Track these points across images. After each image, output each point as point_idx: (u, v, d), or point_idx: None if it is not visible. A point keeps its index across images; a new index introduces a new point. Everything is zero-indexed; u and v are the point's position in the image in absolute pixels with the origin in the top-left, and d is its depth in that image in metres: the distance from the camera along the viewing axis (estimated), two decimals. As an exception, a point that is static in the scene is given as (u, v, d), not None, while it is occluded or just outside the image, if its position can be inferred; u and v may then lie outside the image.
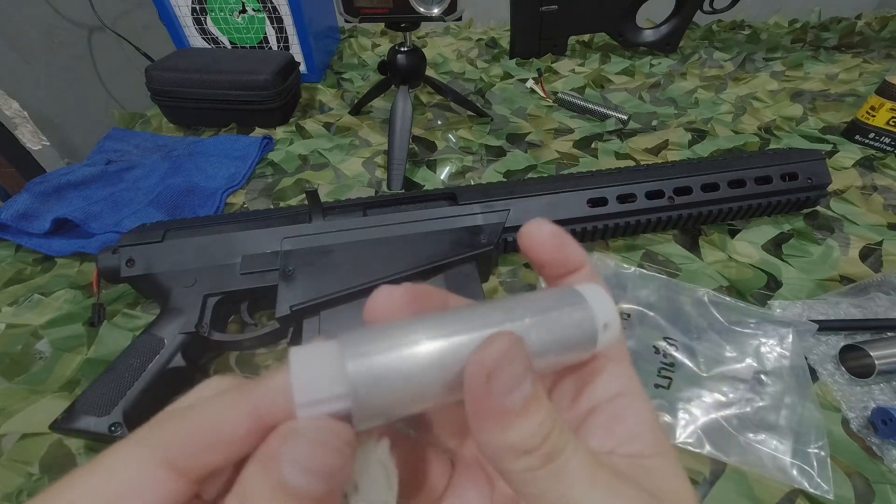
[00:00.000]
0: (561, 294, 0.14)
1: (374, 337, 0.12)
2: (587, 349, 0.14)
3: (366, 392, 0.11)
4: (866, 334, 0.35)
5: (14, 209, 0.44)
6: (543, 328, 0.13)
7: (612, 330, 0.14)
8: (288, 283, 0.33)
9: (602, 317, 0.13)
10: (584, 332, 0.13)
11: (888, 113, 0.54)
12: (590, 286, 0.14)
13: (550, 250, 0.15)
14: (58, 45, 0.85)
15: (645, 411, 0.13)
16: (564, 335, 0.13)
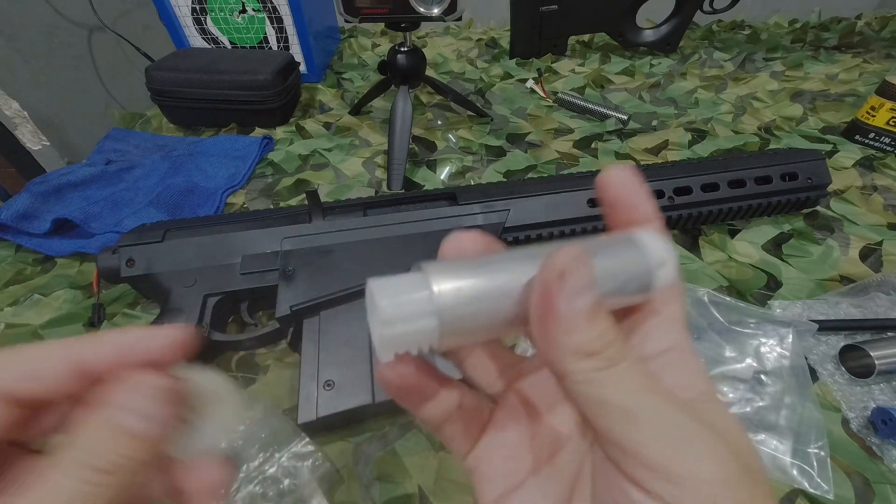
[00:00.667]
0: (619, 236, 0.15)
1: (453, 266, 0.13)
2: (645, 287, 0.14)
3: (450, 311, 0.12)
4: (866, 334, 0.35)
5: (14, 209, 0.44)
6: (602, 261, 0.13)
7: (667, 268, 0.14)
8: (288, 283, 0.33)
9: (657, 255, 0.14)
10: (639, 268, 0.14)
11: (888, 113, 0.54)
12: (647, 231, 0.15)
13: (623, 189, 0.15)
14: (58, 45, 0.85)
15: (694, 365, 0.14)
16: (622, 270, 0.14)
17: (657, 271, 0.14)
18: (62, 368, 0.14)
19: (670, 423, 0.11)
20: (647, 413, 0.11)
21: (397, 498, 0.27)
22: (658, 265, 0.14)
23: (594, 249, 0.14)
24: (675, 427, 0.11)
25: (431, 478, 0.28)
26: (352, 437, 0.30)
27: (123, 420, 0.13)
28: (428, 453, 0.29)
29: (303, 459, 0.28)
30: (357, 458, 0.29)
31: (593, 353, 0.12)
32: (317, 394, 0.29)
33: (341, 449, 0.30)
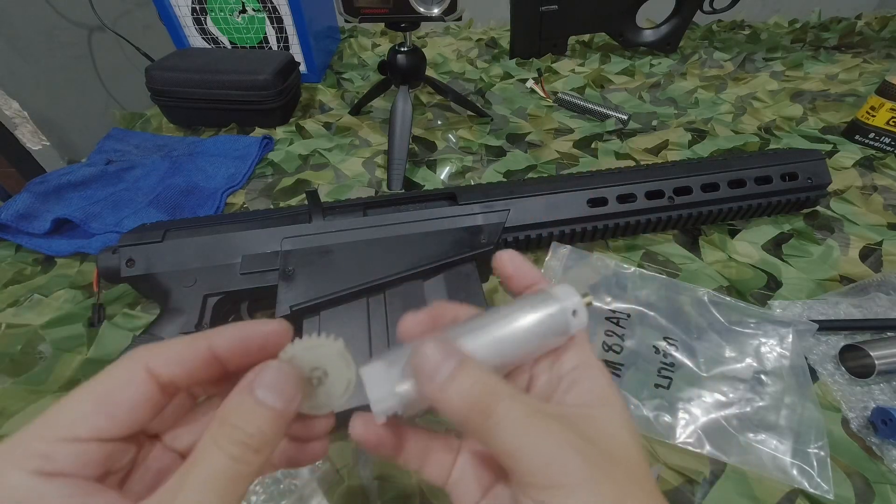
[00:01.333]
0: (539, 296, 0.18)
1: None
2: (564, 332, 0.18)
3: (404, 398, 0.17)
4: (866, 334, 0.35)
5: (14, 209, 0.44)
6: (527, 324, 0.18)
7: (580, 315, 0.18)
8: (288, 283, 0.33)
9: (570, 306, 0.18)
10: (558, 320, 0.18)
11: (888, 113, 0.54)
12: (560, 286, 0.19)
13: (512, 265, 0.20)
14: (58, 45, 0.85)
15: (596, 377, 0.17)
16: (545, 325, 0.18)
17: (572, 319, 0.18)
18: (200, 355, 0.16)
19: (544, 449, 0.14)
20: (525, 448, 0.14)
21: (397, 498, 0.27)
22: (573, 313, 0.18)
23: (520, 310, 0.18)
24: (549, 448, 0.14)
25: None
26: (352, 437, 0.30)
27: (269, 400, 0.15)
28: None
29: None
30: (357, 458, 0.29)
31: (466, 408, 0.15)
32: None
33: (341, 449, 0.30)
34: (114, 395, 0.14)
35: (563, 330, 0.18)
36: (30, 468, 0.13)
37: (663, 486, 0.28)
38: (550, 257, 0.39)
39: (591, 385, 0.17)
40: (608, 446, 0.15)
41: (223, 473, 0.13)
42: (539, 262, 0.42)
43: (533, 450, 0.14)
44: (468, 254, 0.36)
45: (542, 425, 0.15)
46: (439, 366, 0.15)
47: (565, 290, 0.18)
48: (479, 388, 0.15)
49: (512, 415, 0.15)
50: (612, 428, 0.16)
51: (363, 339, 0.32)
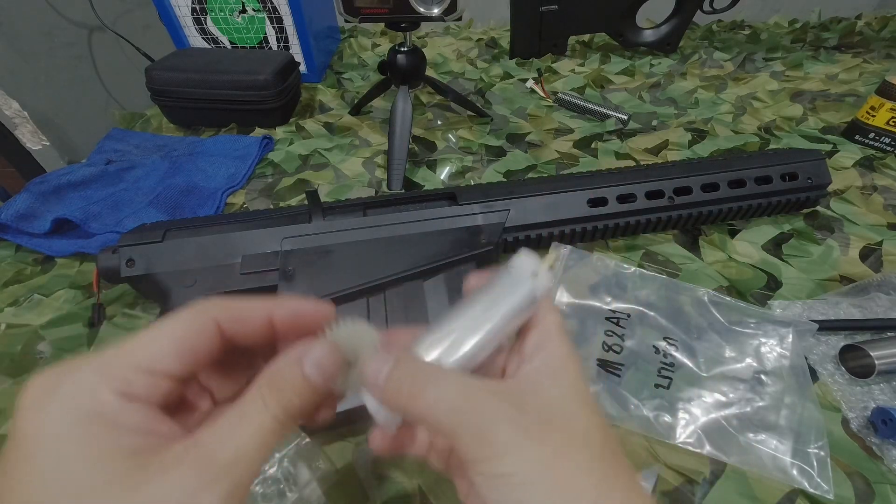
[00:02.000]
0: (500, 273, 0.19)
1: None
2: (532, 300, 0.18)
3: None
4: (866, 334, 0.35)
5: (14, 209, 0.44)
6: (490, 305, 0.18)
7: (541, 277, 0.18)
8: (288, 283, 0.33)
9: (529, 270, 0.18)
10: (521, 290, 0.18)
11: (888, 113, 0.54)
12: (517, 255, 0.19)
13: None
14: (58, 45, 0.85)
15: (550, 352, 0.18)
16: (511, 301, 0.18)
17: (535, 282, 0.18)
18: (260, 317, 0.18)
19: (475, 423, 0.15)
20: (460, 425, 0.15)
21: (397, 498, 0.27)
22: (533, 275, 0.18)
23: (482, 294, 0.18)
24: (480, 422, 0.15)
25: (431, 478, 0.28)
26: (352, 437, 0.30)
27: (313, 376, 0.16)
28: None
29: (303, 459, 0.28)
30: (357, 458, 0.29)
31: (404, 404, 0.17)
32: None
33: (341, 449, 0.30)
34: (187, 341, 0.16)
35: (529, 297, 0.18)
36: (116, 389, 0.14)
37: (663, 486, 0.28)
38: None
39: (544, 360, 0.17)
40: (547, 414, 0.16)
41: (267, 429, 0.15)
42: (539, 262, 0.42)
43: (466, 426, 0.15)
44: (468, 254, 0.36)
45: (473, 402, 0.16)
46: (377, 374, 0.17)
47: (522, 258, 0.19)
48: (409, 379, 0.17)
49: (445, 396, 0.16)
50: (555, 397, 0.16)
51: (363, 339, 0.32)
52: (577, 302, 0.37)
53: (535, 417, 0.15)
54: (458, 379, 0.16)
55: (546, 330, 0.18)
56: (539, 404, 0.16)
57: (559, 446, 0.15)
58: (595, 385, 0.32)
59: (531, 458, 0.14)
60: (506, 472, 0.14)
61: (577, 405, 0.16)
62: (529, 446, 0.15)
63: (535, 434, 0.15)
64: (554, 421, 0.15)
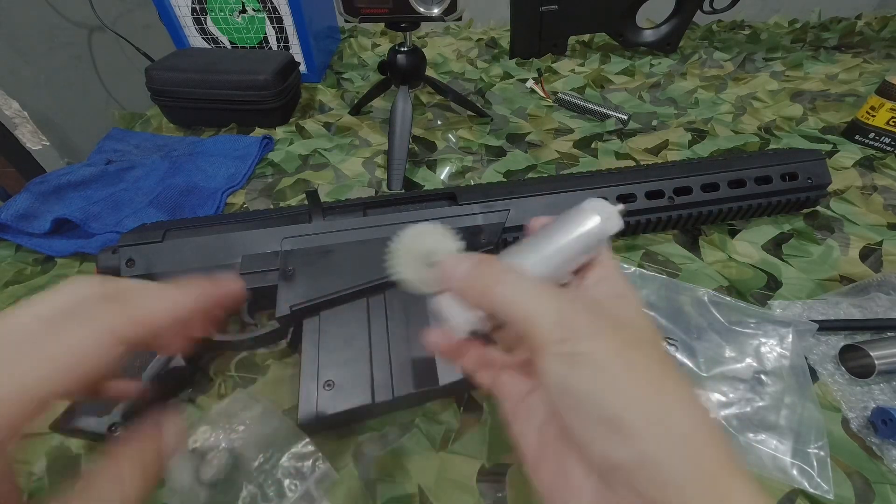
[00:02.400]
0: (573, 211, 0.20)
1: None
2: (602, 237, 0.20)
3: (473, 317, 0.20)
4: (866, 334, 0.35)
5: (14, 209, 0.44)
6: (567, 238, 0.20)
7: (612, 219, 0.20)
8: (288, 283, 0.33)
9: (601, 213, 0.20)
10: (594, 228, 0.20)
11: (888, 113, 0.54)
12: (591, 200, 0.20)
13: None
14: (58, 45, 0.85)
15: (613, 282, 0.19)
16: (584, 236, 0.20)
17: (607, 223, 0.20)
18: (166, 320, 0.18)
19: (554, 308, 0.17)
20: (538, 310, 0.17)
21: (397, 498, 0.27)
22: (606, 218, 0.20)
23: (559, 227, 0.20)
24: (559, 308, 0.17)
25: (431, 478, 0.28)
26: (352, 437, 0.30)
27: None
28: (428, 453, 0.29)
29: (303, 460, 0.28)
30: (357, 458, 0.29)
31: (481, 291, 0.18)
32: (317, 394, 0.29)
33: (341, 449, 0.30)
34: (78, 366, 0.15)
35: (600, 235, 0.20)
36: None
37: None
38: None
39: (609, 287, 0.19)
40: (613, 317, 0.17)
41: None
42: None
43: (545, 311, 0.16)
44: (468, 254, 0.36)
45: (550, 293, 0.17)
46: (456, 267, 0.19)
47: (596, 202, 0.20)
48: (488, 269, 0.18)
49: (522, 285, 0.17)
50: (619, 309, 0.18)
51: (363, 339, 0.32)
52: (577, 302, 0.37)
53: (608, 320, 0.17)
54: (534, 278, 0.18)
55: (607, 267, 0.20)
56: (603, 310, 0.17)
57: (629, 341, 0.16)
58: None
59: (605, 345, 0.16)
60: (582, 350, 0.16)
61: (638, 315, 0.18)
62: (603, 336, 0.16)
63: (609, 327, 0.16)
64: (621, 322, 0.17)
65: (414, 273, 0.20)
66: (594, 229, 0.20)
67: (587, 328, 0.16)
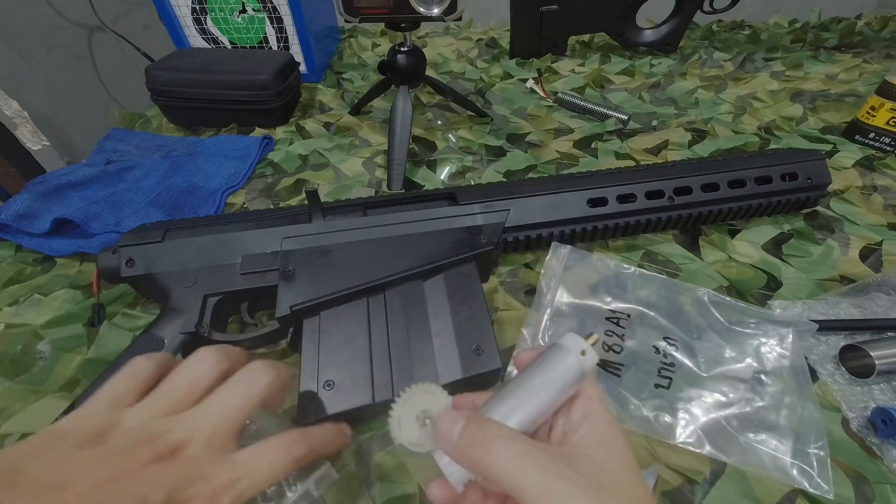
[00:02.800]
0: (549, 351, 0.22)
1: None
2: (580, 375, 0.21)
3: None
4: (866, 334, 0.35)
5: (14, 209, 0.44)
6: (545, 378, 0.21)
7: (589, 354, 0.21)
8: (288, 283, 0.33)
9: (578, 349, 0.21)
10: (570, 365, 0.21)
11: (888, 113, 0.54)
12: (564, 337, 0.22)
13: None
14: (58, 45, 0.85)
15: (596, 423, 0.20)
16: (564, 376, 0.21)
17: (583, 360, 0.21)
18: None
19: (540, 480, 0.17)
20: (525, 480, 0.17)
21: (397, 498, 0.27)
22: (582, 353, 0.21)
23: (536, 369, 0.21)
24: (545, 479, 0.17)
25: (431, 478, 0.28)
26: (352, 437, 0.30)
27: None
28: (428, 453, 0.29)
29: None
30: (357, 458, 0.29)
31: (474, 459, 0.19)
32: (317, 394, 0.29)
33: (342, 450, 0.30)
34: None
35: (579, 372, 0.21)
36: None
37: (663, 486, 0.28)
38: (550, 257, 0.39)
39: (592, 429, 0.20)
40: (601, 479, 0.18)
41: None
42: (539, 262, 0.42)
43: (531, 481, 0.17)
44: (468, 254, 0.36)
45: (537, 461, 0.18)
46: (450, 431, 0.19)
47: (570, 338, 0.21)
48: (476, 436, 0.19)
49: (511, 453, 0.18)
50: (605, 462, 0.18)
51: (363, 339, 0.32)
52: (577, 302, 0.37)
53: (593, 480, 0.17)
54: (524, 439, 0.19)
55: (590, 400, 0.21)
56: (591, 469, 0.18)
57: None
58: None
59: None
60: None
61: (626, 472, 0.18)
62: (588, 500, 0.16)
63: (592, 495, 0.17)
64: (607, 485, 0.17)
65: (411, 435, 0.22)
66: (572, 369, 0.21)
67: (572, 498, 0.17)
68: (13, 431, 0.31)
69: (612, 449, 0.19)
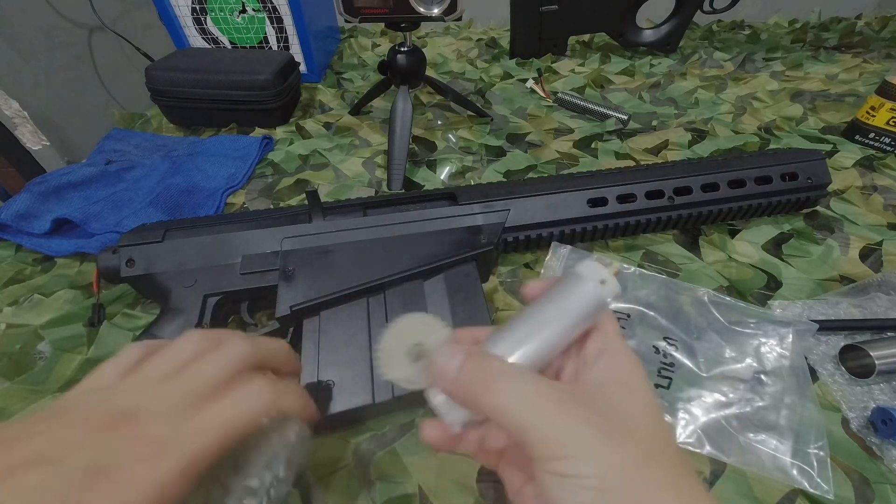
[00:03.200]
0: (566, 278, 0.19)
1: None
2: (600, 304, 0.18)
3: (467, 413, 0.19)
4: (866, 334, 0.35)
5: (14, 209, 0.44)
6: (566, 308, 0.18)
7: (609, 283, 0.18)
8: (288, 283, 0.33)
9: (597, 277, 0.18)
10: (589, 295, 0.18)
11: (888, 113, 0.54)
12: (583, 263, 0.19)
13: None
14: (58, 45, 0.85)
15: (615, 360, 0.18)
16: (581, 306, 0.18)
17: (603, 289, 0.18)
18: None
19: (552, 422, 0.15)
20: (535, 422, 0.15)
21: (397, 498, 0.27)
22: (601, 282, 0.18)
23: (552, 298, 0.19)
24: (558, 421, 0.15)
25: (431, 478, 0.28)
26: (352, 437, 0.30)
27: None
28: (428, 453, 0.29)
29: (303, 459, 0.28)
30: (357, 458, 0.29)
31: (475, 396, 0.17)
32: (317, 394, 0.29)
33: (341, 449, 0.30)
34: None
35: (597, 303, 0.18)
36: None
37: (663, 486, 0.28)
38: (550, 257, 0.39)
39: (609, 365, 0.17)
40: (621, 421, 0.15)
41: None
42: (539, 262, 0.42)
43: (542, 424, 0.15)
44: (468, 254, 0.36)
45: (550, 401, 0.15)
46: (448, 366, 0.17)
47: (590, 265, 0.19)
48: (477, 371, 0.17)
49: (519, 391, 0.16)
50: (627, 405, 0.16)
51: (363, 339, 0.32)
52: (577, 302, 0.37)
53: (610, 423, 0.15)
54: (532, 377, 0.16)
55: (608, 336, 0.18)
56: (609, 410, 0.16)
57: (639, 456, 0.14)
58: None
59: (609, 463, 0.14)
60: (581, 473, 0.14)
61: (649, 414, 0.16)
62: (608, 452, 0.14)
63: (614, 439, 0.15)
64: (628, 428, 0.15)
65: (402, 371, 0.19)
66: (590, 298, 0.18)
67: (589, 442, 0.14)
68: (13, 431, 0.31)
69: (633, 389, 0.17)
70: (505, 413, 0.16)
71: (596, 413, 0.15)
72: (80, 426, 0.15)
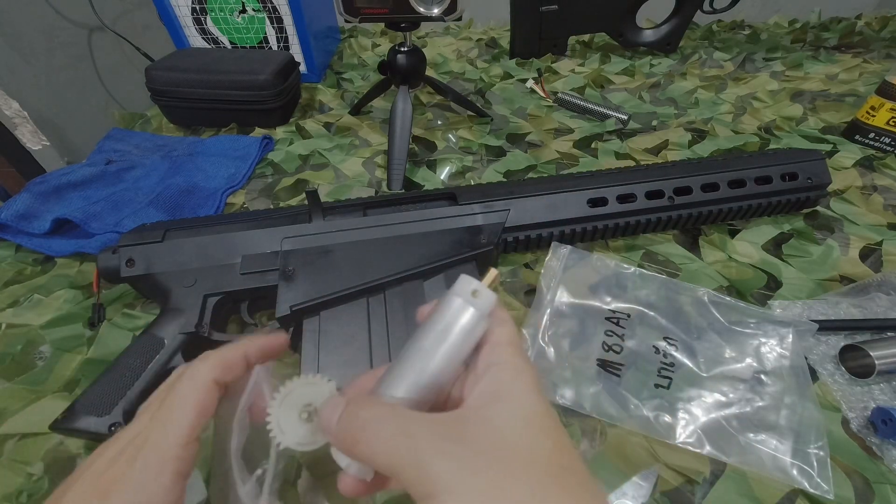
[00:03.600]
0: (441, 301, 0.19)
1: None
2: (476, 318, 0.18)
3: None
4: (866, 334, 0.35)
5: (14, 209, 0.44)
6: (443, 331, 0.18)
7: (482, 295, 0.18)
8: (288, 283, 0.33)
9: (468, 289, 0.18)
10: (462, 312, 0.18)
11: (888, 113, 0.54)
12: (458, 281, 0.19)
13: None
14: (58, 45, 0.85)
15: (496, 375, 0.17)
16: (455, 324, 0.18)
17: (475, 301, 0.18)
18: (240, 361, 0.21)
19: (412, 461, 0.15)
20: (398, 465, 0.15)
21: (397, 498, 0.27)
22: (473, 293, 0.18)
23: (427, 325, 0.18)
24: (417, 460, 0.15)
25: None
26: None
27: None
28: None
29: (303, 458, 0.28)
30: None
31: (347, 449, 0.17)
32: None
33: (341, 449, 0.30)
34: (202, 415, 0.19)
35: (473, 317, 0.18)
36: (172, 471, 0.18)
37: (663, 486, 0.28)
38: (550, 257, 0.39)
39: (491, 383, 0.17)
40: (488, 441, 0.15)
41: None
42: (539, 262, 0.42)
43: (408, 465, 0.15)
44: (468, 254, 0.36)
45: (417, 440, 0.15)
46: (328, 422, 0.17)
47: (459, 280, 0.18)
48: (352, 420, 0.17)
49: (382, 435, 0.16)
50: (499, 420, 0.16)
51: (363, 339, 0.32)
52: (577, 302, 0.37)
53: (475, 447, 0.15)
54: (400, 416, 0.16)
55: (495, 345, 0.18)
56: (481, 432, 0.15)
57: (496, 477, 0.14)
58: (595, 385, 0.32)
59: (469, 491, 0.14)
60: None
61: (522, 426, 0.15)
62: (466, 480, 0.14)
63: (471, 466, 0.14)
64: (494, 448, 0.15)
65: (297, 435, 0.19)
66: (463, 314, 0.18)
67: (448, 475, 0.14)
68: (13, 432, 0.31)
69: (510, 402, 0.16)
70: (375, 460, 0.16)
71: (464, 442, 0.15)
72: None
